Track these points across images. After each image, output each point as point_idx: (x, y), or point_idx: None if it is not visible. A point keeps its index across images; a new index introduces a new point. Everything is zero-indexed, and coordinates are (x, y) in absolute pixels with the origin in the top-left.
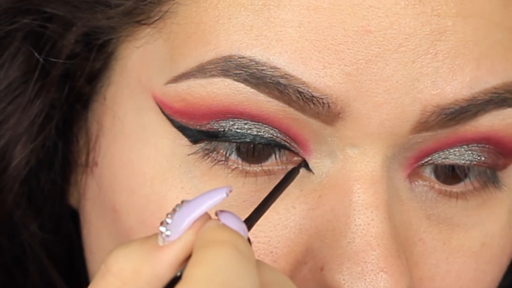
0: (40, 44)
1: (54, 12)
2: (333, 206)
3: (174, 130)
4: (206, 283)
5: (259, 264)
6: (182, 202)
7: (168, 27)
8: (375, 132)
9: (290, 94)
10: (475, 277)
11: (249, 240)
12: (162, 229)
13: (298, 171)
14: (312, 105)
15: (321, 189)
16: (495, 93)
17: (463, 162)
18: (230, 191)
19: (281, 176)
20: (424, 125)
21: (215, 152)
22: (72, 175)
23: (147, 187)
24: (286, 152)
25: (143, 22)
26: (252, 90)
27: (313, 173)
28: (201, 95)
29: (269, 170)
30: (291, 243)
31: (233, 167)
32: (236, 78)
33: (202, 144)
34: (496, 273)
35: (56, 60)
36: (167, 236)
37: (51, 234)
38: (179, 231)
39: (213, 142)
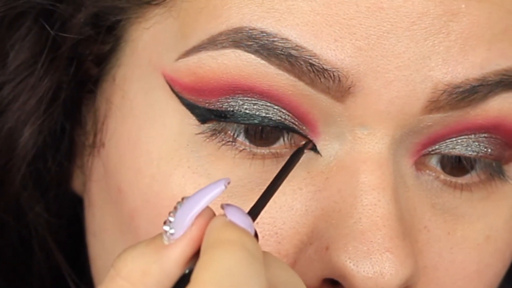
0: (50, 24)
1: None
2: (340, 187)
3: (183, 108)
4: (215, 287)
5: (270, 261)
6: (183, 199)
7: (178, 5)
8: (385, 110)
9: (301, 65)
10: (478, 269)
11: (256, 235)
12: (166, 228)
13: (303, 152)
14: (322, 79)
15: (328, 171)
16: (505, 75)
17: (469, 153)
18: (229, 183)
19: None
20: (435, 104)
21: (223, 133)
22: (78, 158)
23: (154, 167)
24: (295, 135)
25: (153, 2)
26: (262, 62)
27: (321, 155)
28: (211, 67)
29: (277, 152)
30: (297, 225)
31: (241, 148)
32: (247, 49)
33: (210, 124)
34: (499, 267)
35: (66, 36)
36: (172, 234)
37: (56, 217)
38: (182, 228)
39: (221, 123)
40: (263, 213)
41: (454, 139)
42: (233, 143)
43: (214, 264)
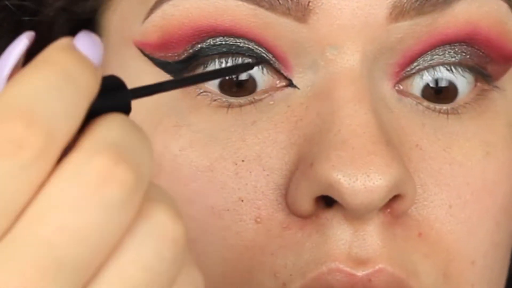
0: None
1: None
2: (318, 110)
3: (157, 69)
4: (2, 108)
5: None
6: None
7: None
8: (349, 23)
9: None
10: (485, 186)
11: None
12: None
13: (252, 67)
14: (281, 0)
15: (307, 100)
16: None
17: (449, 59)
18: (33, 36)
19: (268, 101)
20: (398, 9)
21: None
22: None
23: None
24: (270, 78)
25: None
26: None
27: (298, 88)
28: (174, 15)
29: (254, 99)
30: (282, 156)
31: (215, 98)
32: None
33: None
34: (508, 189)
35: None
36: None
37: None
38: None
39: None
40: (246, 152)
41: (429, 52)
42: (207, 93)
43: (9, 85)
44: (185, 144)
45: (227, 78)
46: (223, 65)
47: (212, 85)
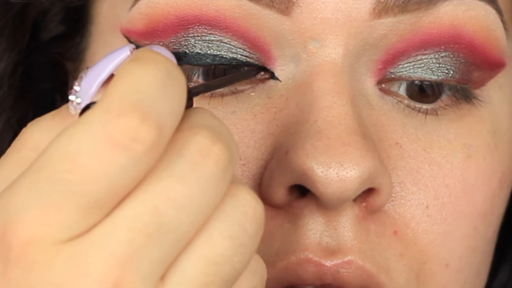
0: (24, 30)
1: None
2: (297, 101)
3: None
4: (118, 102)
5: (199, 109)
6: (87, 68)
7: None
8: (332, 17)
9: None
10: (464, 189)
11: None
12: (72, 97)
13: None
14: None
15: (287, 92)
16: None
17: (431, 76)
18: (134, 48)
19: (249, 92)
20: (381, 5)
21: None
22: None
23: None
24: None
25: None
26: None
27: (279, 80)
28: (160, 4)
29: (236, 89)
30: (259, 146)
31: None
32: None
33: None
34: (488, 193)
35: (41, 40)
36: (78, 104)
37: None
38: (89, 97)
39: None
40: None
41: (413, 60)
42: (191, 83)
43: (124, 77)
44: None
45: (206, 65)
46: (203, 61)
47: (194, 73)
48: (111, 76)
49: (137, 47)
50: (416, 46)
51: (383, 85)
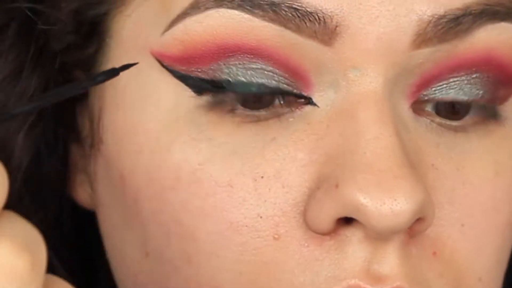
0: (33, 37)
1: None
2: (341, 131)
3: (176, 81)
4: None
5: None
6: None
7: None
8: (374, 48)
9: (286, 12)
10: (494, 205)
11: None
12: None
13: (118, 72)
14: (308, 23)
15: (328, 119)
16: (487, 4)
17: (462, 97)
18: None
19: (288, 117)
20: (422, 37)
21: (221, 105)
22: (78, 175)
23: (153, 142)
24: (291, 97)
25: None
26: (246, 15)
27: (318, 106)
28: (197, 32)
29: (276, 111)
30: (302, 174)
31: (242, 115)
32: (229, 5)
33: (207, 97)
34: None
35: (50, 47)
36: None
37: (55, 229)
38: None
39: (219, 94)
40: (265, 168)
41: (446, 82)
42: (234, 112)
43: None
44: (205, 158)
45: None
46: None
47: (235, 102)
48: None
49: (171, 71)
50: (450, 70)
51: (415, 106)
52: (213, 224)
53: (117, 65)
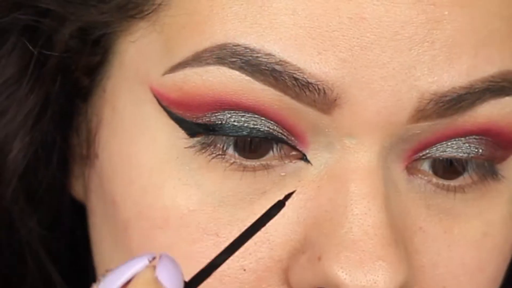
0: (35, 38)
1: (47, 7)
2: (331, 196)
3: (172, 122)
4: None
5: None
6: (107, 271)
7: (162, 19)
8: (373, 120)
9: (286, 80)
10: (479, 266)
11: None
12: None
13: (284, 204)
14: (308, 92)
15: (319, 180)
16: (492, 81)
17: (460, 155)
18: (154, 258)
19: (280, 171)
20: (421, 113)
21: (212, 146)
22: (76, 168)
23: (145, 179)
24: (284, 146)
25: (136, 16)
26: (247, 78)
27: (311, 164)
28: (196, 84)
29: (267, 164)
30: (289, 232)
31: (231, 161)
32: (231, 65)
33: (199, 138)
34: (500, 262)
35: (51, 53)
36: None
37: (50, 231)
38: None
39: (210, 136)
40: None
41: (444, 143)
42: (223, 156)
43: None
44: (195, 205)
45: (241, 137)
46: (239, 133)
47: (227, 144)
48: (129, 281)
49: (167, 111)
50: (448, 138)
51: (411, 165)
52: (197, 269)
53: (118, 86)
